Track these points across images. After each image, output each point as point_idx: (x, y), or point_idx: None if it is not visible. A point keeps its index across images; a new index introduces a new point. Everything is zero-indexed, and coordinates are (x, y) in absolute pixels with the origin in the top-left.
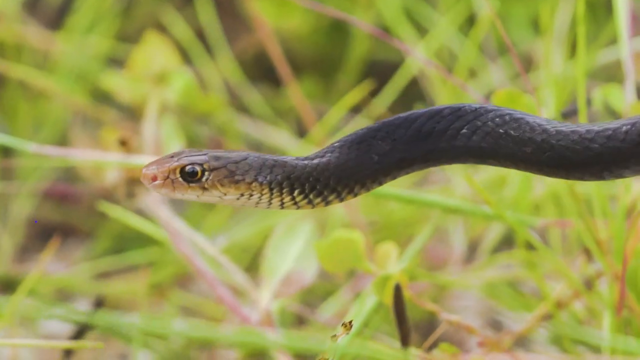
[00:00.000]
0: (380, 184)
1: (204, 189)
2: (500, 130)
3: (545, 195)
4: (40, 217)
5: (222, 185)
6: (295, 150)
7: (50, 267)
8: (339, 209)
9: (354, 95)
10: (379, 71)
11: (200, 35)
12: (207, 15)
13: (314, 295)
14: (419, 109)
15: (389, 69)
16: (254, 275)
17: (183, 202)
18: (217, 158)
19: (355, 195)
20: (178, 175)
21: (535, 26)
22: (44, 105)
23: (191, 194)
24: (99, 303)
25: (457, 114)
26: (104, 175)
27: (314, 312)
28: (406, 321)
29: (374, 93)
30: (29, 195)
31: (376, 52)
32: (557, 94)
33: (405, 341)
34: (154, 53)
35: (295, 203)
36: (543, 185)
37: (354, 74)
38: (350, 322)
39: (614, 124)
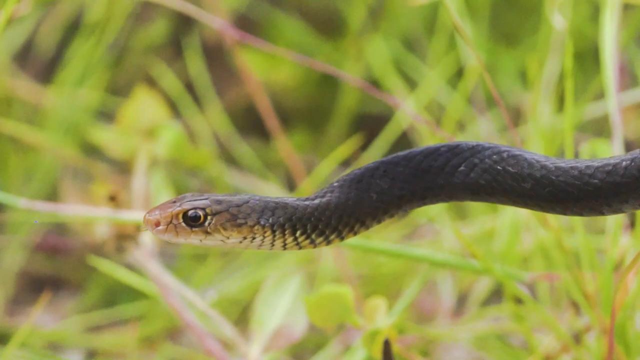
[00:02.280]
0: (380, 222)
1: (207, 233)
2: (498, 167)
3: (533, 248)
4: (30, 270)
5: (224, 229)
6: None
7: (41, 320)
8: (328, 262)
9: (344, 149)
10: (369, 123)
11: (190, 88)
12: (197, 68)
13: (304, 348)
14: None
15: (379, 121)
16: (244, 329)
17: (173, 256)
18: (219, 202)
19: (355, 233)
20: (181, 220)
21: (524, 78)
22: (34, 158)
23: (194, 239)
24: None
25: (454, 151)
26: (93, 230)
27: None
28: None
29: (363, 146)
30: (19, 248)
31: (366, 104)
32: (545, 147)
33: None
34: (143, 107)
35: (298, 244)
36: (531, 238)
37: (343, 126)
38: None
39: (613, 159)
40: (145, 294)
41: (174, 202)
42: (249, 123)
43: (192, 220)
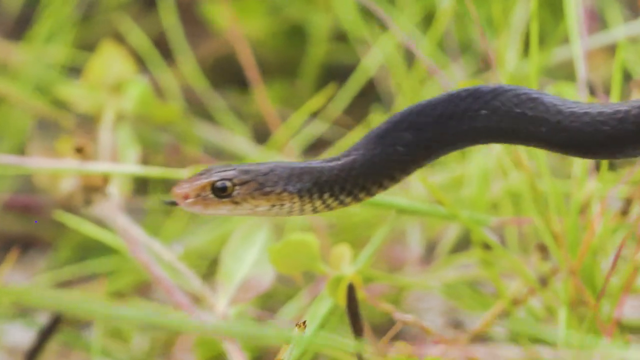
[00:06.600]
0: (409, 174)
1: (236, 203)
2: (517, 110)
3: (502, 194)
4: (1, 230)
5: (253, 198)
6: (255, 155)
7: (12, 277)
8: None
9: (316, 100)
10: (339, 73)
11: (161, 44)
12: (169, 22)
13: (274, 300)
14: (375, 112)
15: (349, 71)
16: (213, 282)
17: (142, 210)
18: (245, 172)
19: (385, 189)
20: (209, 191)
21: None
22: (4, 115)
23: (223, 209)
24: (58, 315)
25: (475, 95)
26: (60, 184)
27: (273, 317)
28: (360, 320)
29: (331, 96)
30: None
31: (336, 54)
32: None
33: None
34: (109, 62)
35: (327, 206)
36: (500, 184)
37: (313, 77)
38: (304, 322)
39: (624, 106)
40: (115, 249)
41: (202, 174)
42: (221, 76)
43: (220, 191)
